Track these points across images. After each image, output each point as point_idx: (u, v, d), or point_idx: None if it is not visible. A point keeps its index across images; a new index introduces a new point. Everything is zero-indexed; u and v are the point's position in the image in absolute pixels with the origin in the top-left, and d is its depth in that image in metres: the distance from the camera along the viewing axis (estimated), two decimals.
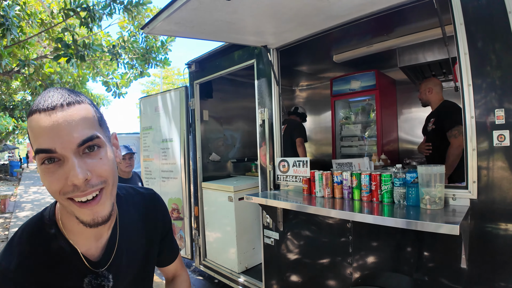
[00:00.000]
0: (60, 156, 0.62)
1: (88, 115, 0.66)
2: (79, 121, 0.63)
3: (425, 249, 1.86)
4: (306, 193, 2.38)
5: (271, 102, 2.69)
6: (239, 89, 4.72)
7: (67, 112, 0.62)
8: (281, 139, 2.66)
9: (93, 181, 0.64)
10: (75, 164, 0.61)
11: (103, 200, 0.67)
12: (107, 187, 0.68)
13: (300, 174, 2.48)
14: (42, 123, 0.61)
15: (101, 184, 0.66)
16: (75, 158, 0.62)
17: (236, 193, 3.19)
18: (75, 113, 0.63)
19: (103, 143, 0.67)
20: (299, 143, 4.02)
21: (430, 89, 3.07)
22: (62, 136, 0.60)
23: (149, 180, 4.37)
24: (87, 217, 0.65)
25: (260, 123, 2.76)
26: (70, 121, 0.62)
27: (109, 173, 0.67)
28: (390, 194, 1.99)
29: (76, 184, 0.61)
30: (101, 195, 0.66)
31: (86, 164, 0.64)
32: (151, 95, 4.40)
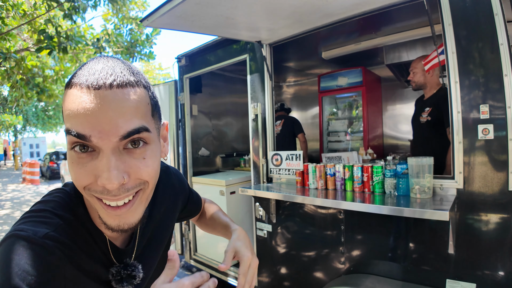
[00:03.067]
0: (95, 147, 0.51)
1: (141, 102, 0.54)
2: (128, 108, 0.52)
3: (414, 236, 1.96)
4: (300, 185, 2.45)
5: (264, 96, 2.73)
6: (228, 84, 4.73)
7: (115, 94, 0.50)
8: (274, 133, 2.71)
9: (130, 185, 0.54)
10: (110, 164, 0.50)
11: (135, 206, 0.57)
12: (145, 191, 0.58)
13: (293, 167, 2.54)
14: (81, 102, 0.49)
15: (138, 187, 0.56)
16: (112, 155, 0.51)
17: (228, 187, 3.22)
18: (126, 97, 0.51)
19: (151, 138, 0.56)
20: (303, 139, 4.19)
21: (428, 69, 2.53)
22: (102, 123, 0.49)
23: None
24: (112, 221, 0.56)
25: (253, 118, 2.79)
26: (117, 107, 0.50)
27: (151, 176, 0.57)
28: (381, 185, 2.08)
29: (108, 188, 0.51)
30: (134, 200, 0.56)
31: (125, 164, 0.53)
32: None
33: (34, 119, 23.00)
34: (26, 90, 7.09)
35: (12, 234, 0.52)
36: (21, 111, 21.88)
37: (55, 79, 7.79)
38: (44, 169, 16.19)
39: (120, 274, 0.62)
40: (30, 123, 23.71)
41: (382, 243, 2.08)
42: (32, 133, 26.32)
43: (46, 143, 27.64)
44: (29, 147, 26.01)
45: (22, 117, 22.38)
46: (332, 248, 2.29)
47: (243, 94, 5.15)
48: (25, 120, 23.01)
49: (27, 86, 7.02)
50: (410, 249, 1.97)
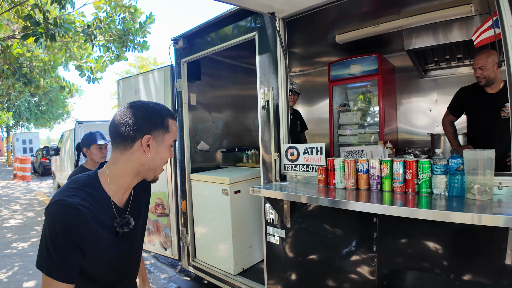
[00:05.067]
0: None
1: None
2: None
3: (463, 245, 1.59)
4: (322, 184, 2.05)
5: (276, 80, 2.32)
6: (229, 73, 4.32)
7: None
8: (288, 123, 2.31)
9: None
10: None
11: None
12: None
13: (313, 162, 2.14)
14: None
15: None
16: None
17: (232, 186, 2.82)
18: None
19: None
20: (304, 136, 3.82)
21: (497, 64, 2.45)
22: None
23: None
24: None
25: (262, 105, 2.39)
26: None
27: None
28: (428, 184, 1.69)
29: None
30: None
31: None
32: (131, 76, 3.92)
33: (27, 114, 22.39)
34: (13, 81, 6.63)
35: (58, 199, 0.93)
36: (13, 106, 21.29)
37: (43, 70, 7.32)
38: (36, 165, 15.66)
39: (121, 221, 1.05)
40: (23, 119, 23.09)
41: (423, 253, 1.69)
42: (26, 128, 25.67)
43: (39, 138, 27.02)
44: (22, 143, 25.38)
45: (15, 113, 21.76)
46: (361, 259, 1.91)
47: (245, 84, 4.77)
48: (17, 115, 22.39)
49: (13, 76, 6.54)
50: (458, 260, 1.59)
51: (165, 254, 3.49)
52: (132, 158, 1.02)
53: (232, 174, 3.04)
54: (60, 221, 0.91)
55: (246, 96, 4.62)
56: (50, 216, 0.92)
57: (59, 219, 0.91)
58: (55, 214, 0.92)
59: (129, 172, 1.04)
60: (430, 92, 4.31)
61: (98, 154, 2.61)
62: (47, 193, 9.93)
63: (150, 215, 3.53)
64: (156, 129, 1.03)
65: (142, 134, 1.01)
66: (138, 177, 1.07)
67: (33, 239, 5.14)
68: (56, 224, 0.91)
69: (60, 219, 0.91)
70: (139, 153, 1.02)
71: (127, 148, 1.01)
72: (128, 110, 1.03)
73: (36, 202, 8.32)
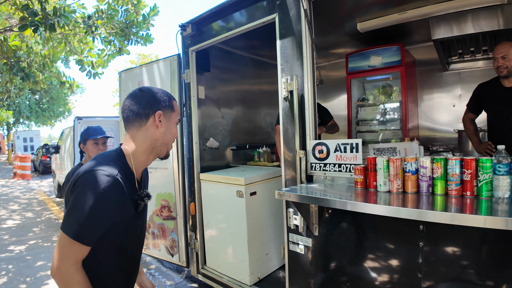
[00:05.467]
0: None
1: None
2: None
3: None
4: (360, 186, 1.77)
5: (301, 67, 2.03)
6: (238, 66, 4.03)
7: None
8: (315, 116, 2.02)
9: None
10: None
11: None
12: None
13: (348, 161, 1.85)
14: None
15: None
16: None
17: (248, 187, 2.54)
18: None
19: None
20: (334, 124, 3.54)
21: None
22: None
23: None
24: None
25: (284, 96, 2.10)
26: None
27: None
28: (490, 186, 1.40)
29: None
30: None
31: None
32: (134, 68, 3.64)
33: (27, 112, 22.15)
34: (10, 76, 6.36)
35: (97, 169, 1.00)
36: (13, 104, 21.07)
37: (42, 64, 7.03)
38: (37, 163, 15.41)
39: (142, 193, 1.16)
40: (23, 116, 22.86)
41: (479, 266, 1.41)
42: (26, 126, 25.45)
43: (40, 136, 26.80)
44: (22, 141, 25.16)
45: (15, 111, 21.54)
46: (404, 272, 1.62)
47: (255, 78, 4.47)
48: (17, 113, 22.17)
49: (10, 71, 6.27)
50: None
51: (172, 260, 3.21)
52: (147, 134, 1.15)
53: (247, 174, 2.76)
54: (101, 189, 0.97)
55: (256, 91, 4.34)
56: (90, 183, 0.97)
57: (100, 187, 0.97)
58: (96, 182, 0.97)
59: (146, 149, 1.16)
60: (453, 87, 4.02)
61: (94, 150, 2.37)
62: (47, 192, 9.68)
63: (155, 218, 3.26)
64: (165, 107, 1.18)
65: (154, 110, 1.15)
66: (153, 154, 1.19)
67: (30, 242, 4.87)
68: (97, 192, 0.96)
69: (102, 187, 0.97)
70: (152, 128, 1.15)
71: (142, 124, 1.14)
72: (139, 92, 1.18)
73: (36, 202, 8.07)
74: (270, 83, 4.62)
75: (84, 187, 0.97)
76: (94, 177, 0.98)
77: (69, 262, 0.96)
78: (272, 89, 4.67)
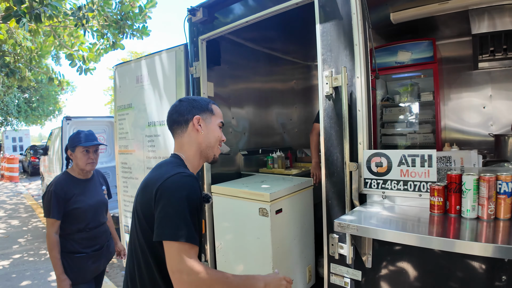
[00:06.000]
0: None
1: None
2: None
3: None
4: (439, 211, 1.35)
5: (351, 57, 1.60)
6: (250, 61, 3.60)
7: None
8: (370, 120, 1.60)
9: None
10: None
11: None
12: None
13: (417, 178, 1.43)
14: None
15: None
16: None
17: (273, 204, 2.09)
18: None
19: None
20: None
21: None
22: None
23: (127, 180, 3.14)
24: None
25: (327, 93, 1.67)
26: None
27: None
28: None
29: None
30: None
31: None
32: (131, 61, 3.17)
33: (15, 111, 21.34)
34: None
35: (178, 172, 1.04)
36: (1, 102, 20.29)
37: (29, 59, 6.49)
38: (26, 164, 14.73)
39: (208, 195, 1.31)
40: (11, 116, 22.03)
41: None
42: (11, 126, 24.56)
43: (30, 136, 25.93)
44: (11, 141, 24.29)
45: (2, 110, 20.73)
46: None
47: (268, 75, 3.97)
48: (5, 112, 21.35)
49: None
50: None
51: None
52: (191, 139, 1.20)
53: (269, 186, 2.32)
54: (190, 190, 1.00)
55: (269, 90, 3.91)
56: (178, 186, 1.00)
57: (189, 188, 1.01)
58: (184, 183, 1.01)
59: (195, 153, 1.21)
60: (483, 86, 3.65)
61: (83, 158, 1.95)
62: (35, 196, 9.09)
63: None
64: (203, 112, 1.23)
65: (192, 116, 1.21)
66: (202, 158, 1.24)
67: (15, 256, 4.35)
68: (188, 192, 0.99)
69: (190, 188, 1.01)
70: (194, 133, 1.20)
71: (184, 130, 1.21)
72: (179, 102, 1.25)
73: (23, 208, 7.50)
74: (283, 81, 4.19)
75: (173, 191, 0.99)
76: (180, 180, 1.02)
77: (198, 266, 0.93)
78: (285, 88, 4.24)
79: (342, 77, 1.58)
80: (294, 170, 3.21)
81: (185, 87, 2.57)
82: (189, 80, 2.58)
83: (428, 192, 1.44)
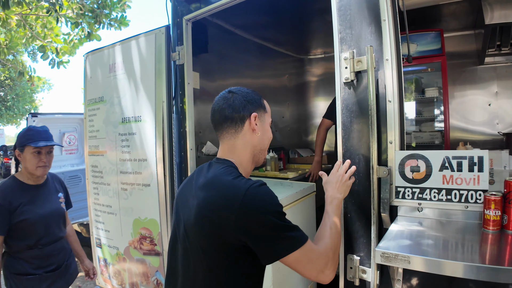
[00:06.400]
0: None
1: None
2: None
3: None
4: (494, 227, 1.04)
5: (378, 35, 1.27)
6: (240, 52, 3.27)
7: None
8: (402, 114, 1.26)
9: None
10: None
11: None
12: None
13: (465, 185, 1.12)
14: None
15: None
16: None
17: None
18: None
19: None
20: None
21: None
22: None
23: (98, 186, 2.70)
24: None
25: (347, 79, 1.33)
26: None
27: None
28: None
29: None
30: None
31: None
32: (104, 47, 2.73)
33: None
34: None
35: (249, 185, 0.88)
36: None
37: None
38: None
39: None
40: None
41: None
42: None
43: (4, 136, 24.66)
44: None
45: None
46: None
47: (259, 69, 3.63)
48: None
49: None
50: None
51: None
52: (246, 140, 1.03)
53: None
54: (271, 198, 0.91)
55: (260, 85, 3.57)
56: (258, 199, 0.88)
57: (269, 197, 0.91)
58: (263, 194, 0.90)
59: (249, 158, 1.05)
60: (489, 83, 3.46)
61: (33, 160, 1.56)
62: None
63: (132, 252, 2.38)
64: (258, 108, 1.06)
65: (249, 113, 1.03)
66: (253, 163, 1.08)
67: None
68: (272, 201, 0.91)
69: (270, 196, 0.91)
70: (249, 133, 1.03)
71: (238, 130, 1.02)
72: (229, 94, 1.05)
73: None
74: (275, 76, 3.86)
75: (257, 206, 0.87)
76: (257, 192, 0.89)
77: (317, 251, 0.92)
78: (277, 83, 3.91)
79: (368, 59, 1.23)
80: (290, 173, 2.87)
81: (166, 76, 2.17)
82: (170, 68, 2.18)
83: (476, 204, 1.13)
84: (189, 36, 2.13)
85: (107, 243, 2.66)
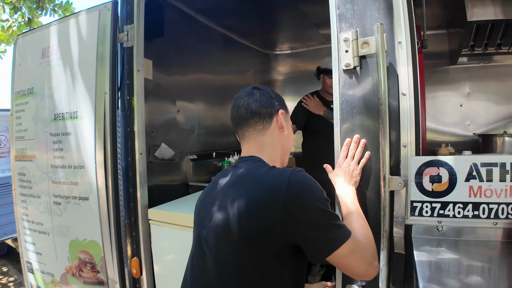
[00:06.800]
0: None
1: None
2: None
3: None
4: None
5: (388, 12, 1.01)
6: (202, 41, 2.88)
7: None
8: (418, 110, 1.01)
9: None
10: None
11: None
12: None
13: (495, 198, 0.91)
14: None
15: None
16: None
17: None
18: None
19: None
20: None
21: None
22: None
23: (27, 199, 2.16)
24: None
25: (347, 65, 1.05)
26: None
27: None
28: None
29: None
30: None
31: None
32: (37, 28, 2.22)
33: None
34: None
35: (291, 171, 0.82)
36: None
37: None
38: None
39: None
40: None
41: None
42: None
43: None
44: None
45: None
46: None
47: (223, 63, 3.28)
48: None
49: None
50: None
51: None
52: (273, 139, 0.97)
53: None
54: (316, 183, 0.84)
55: (223, 80, 3.22)
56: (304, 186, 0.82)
57: (313, 182, 0.84)
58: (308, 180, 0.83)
59: (278, 158, 0.99)
60: (461, 84, 3.45)
61: None
62: None
63: (70, 280, 1.91)
64: (283, 106, 1.01)
65: (276, 109, 0.98)
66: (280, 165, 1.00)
67: None
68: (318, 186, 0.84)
69: (314, 182, 0.84)
70: (277, 131, 0.98)
71: (266, 126, 0.96)
72: (253, 90, 1.00)
73: None
74: (239, 71, 3.54)
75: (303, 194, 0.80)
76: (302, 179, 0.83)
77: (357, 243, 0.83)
78: (242, 79, 3.59)
79: (378, 39, 0.95)
80: None
81: (110, 62, 1.74)
82: (116, 52, 1.76)
83: (507, 219, 0.92)
84: (141, 13, 1.73)
85: (39, 268, 2.15)
